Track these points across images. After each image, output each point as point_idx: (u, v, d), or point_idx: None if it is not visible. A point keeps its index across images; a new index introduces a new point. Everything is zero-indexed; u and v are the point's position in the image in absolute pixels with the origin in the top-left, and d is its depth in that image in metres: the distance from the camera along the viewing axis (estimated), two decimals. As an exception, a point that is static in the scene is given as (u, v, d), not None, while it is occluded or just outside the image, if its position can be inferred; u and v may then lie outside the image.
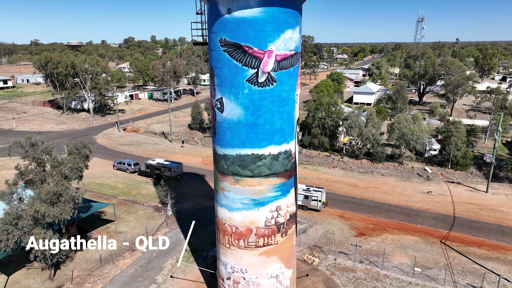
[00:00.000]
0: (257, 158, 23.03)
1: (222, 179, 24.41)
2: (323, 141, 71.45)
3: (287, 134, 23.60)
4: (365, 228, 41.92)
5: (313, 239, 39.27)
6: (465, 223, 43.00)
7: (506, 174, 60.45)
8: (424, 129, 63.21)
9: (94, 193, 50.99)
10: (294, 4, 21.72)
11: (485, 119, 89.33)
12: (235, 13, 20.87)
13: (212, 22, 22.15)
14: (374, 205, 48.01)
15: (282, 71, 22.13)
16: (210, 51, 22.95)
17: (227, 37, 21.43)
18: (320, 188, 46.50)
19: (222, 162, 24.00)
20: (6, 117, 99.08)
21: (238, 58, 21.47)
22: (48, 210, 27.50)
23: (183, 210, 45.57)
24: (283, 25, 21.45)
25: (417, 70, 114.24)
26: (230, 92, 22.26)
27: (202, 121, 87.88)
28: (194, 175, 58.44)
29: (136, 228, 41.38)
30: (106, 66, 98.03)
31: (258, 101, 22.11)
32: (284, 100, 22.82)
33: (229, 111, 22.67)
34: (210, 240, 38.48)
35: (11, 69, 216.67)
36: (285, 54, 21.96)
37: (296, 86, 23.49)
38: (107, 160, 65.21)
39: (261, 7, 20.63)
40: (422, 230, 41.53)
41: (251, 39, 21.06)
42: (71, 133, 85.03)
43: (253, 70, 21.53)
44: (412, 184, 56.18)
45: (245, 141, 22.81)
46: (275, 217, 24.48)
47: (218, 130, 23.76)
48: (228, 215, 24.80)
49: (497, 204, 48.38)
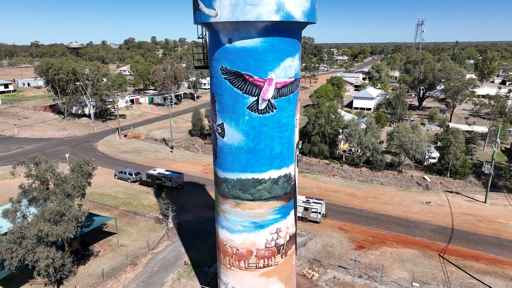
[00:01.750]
0: (258, 182, 23.46)
1: (223, 202, 24.84)
2: (323, 149, 71.86)
3: (287, 158, 24.02)
4: (364, 241, 42.33)
5: (313, 253, 39.69)
6: (463, 236, 43.41)
7: (504, 183, 60.86)
8: (423, 138, 63.60)
9: (96, 204, 51.41)
10: (294, 33, 22.14)
11: (484, 125, 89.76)
12: (236, 43, 21.30)
13: (213, 50, 22.58)
14: (373, 216, 48.42)
15: (282, 98, 22.56)
16: (211, 77, 23.37)
17: (228, 66, 21.86)
18: (319, 200, 46.92)
19: (223, 185, 24.43)
20: (8, 123, 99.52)
21: (239, 86, 21.91)
22: (51, 229, 27.94)
23: (184, 222, 45.99)
24: (283, 54, 21.88)
25: (417, 75, 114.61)
26: (231, 118, 22.69)
27: (202, 127, 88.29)
28: (194, 184, 58.86)
29: (138, 241, 41.80)
30: (106, 73, 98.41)
31: (258, 128, 22.54)
32: (284, 126, 23.25)
33: (230, 136, 23.10)
34: (211, 254, 38.91)
35: (12, 72, 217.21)
36: (285, 81, 22.40)
37: (295, 111, 23.92)
38: (108, 169, 65.62)
39: (262, 37, 21.06)
40: (420, 243, 41.94)
41: (252, 68, 21.49)
42: (73, 140, 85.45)
43: (253, 97, 21.96)
44: (411, 194, 56.59)
45: (246, 166, 23.24)
46: (275, 239, 24.91)
47: (219, 154, 24.19)
48: (229, 237, 25.23)
49: (495, 215, 48.78)
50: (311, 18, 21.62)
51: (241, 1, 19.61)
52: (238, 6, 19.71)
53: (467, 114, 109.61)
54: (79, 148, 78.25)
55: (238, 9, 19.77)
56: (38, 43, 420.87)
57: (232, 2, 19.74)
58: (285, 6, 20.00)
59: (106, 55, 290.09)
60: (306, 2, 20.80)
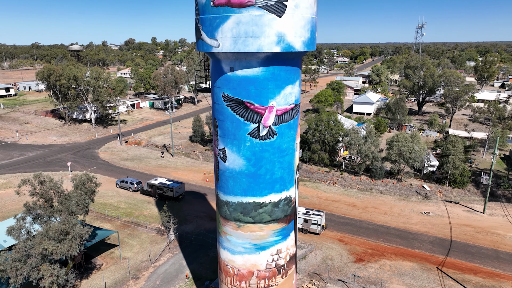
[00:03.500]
0: (259, 206, 23.95)
1: (225, 224, 25.33)
2: (323, 156, 72.33)
3: (287, 182, 24.51)
4: (363, 253, 42.82)
5: (313, 266, 40.17)
6: (462, 248, 43.89)
7: (503, 192, 61.36)
8: (422, 147, 64.09)
9: (98, 214, 51.90)
10: (294, 61, 22.63)
11: (484, 131, 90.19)
12: (238, 72, 21.79)
13: (215, 77, 23.07)
14: (373, 227, 48.90)
15: (282, 124, 23.05)
16: (213, 103, 23.87)
17: (229, 93, 22.35)
18: (319, 212, 47.40)
19: (225, 208, 24.92)
20: (9, 129, 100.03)
21: (240, 113, 22.40)
22: (56, 247, 28.45)
23: (185, 234, 46.48)
24: (283, 82, 22.38)
25: (416, 81, 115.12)
26: (233, 144, 23.18)
27: (203, 133, 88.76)
28: (195, 194, 59.35)
29: (140, 254, 42.29)
30: (108, 79, 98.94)
31: (259, 153, 23.02)
32: (285, 151, 23.73)
33: (232, 161, 23.58)
34: (212, 267, 39.40)
35: (13, 75, 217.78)
36: (285, 108, 22.89)
37: (296, 135, 24.41)
38: (110, 177, 66.11)
39: (263, 67, 21.56)
40: (419, 255, 42.42)
41: (253, 96, 21.99)
42: (74, 146, 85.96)
43: (254, 124, 22.45)
44: (410, 203, 57.07)
45: (247, 190, 23.73)
46: (276, 260, 25.40)
47: (221, 178, 24.67)
48: (230, 258, 25.72)
49: (493, 226, 49.25)
50: (311, 47, 22.11)
51: (243, 33, 20.10)
52: (240, 38, 20.20)
53: (466, 120, 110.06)
54: (81, 155, 78.76)
55: (239, 41, 20.26)
56: (39, 44, 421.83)
57: (234, 34, 20.23)
58: (286, 38, 20.49)
59: (107, 57, 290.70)
60: (306, 32, 21.28)
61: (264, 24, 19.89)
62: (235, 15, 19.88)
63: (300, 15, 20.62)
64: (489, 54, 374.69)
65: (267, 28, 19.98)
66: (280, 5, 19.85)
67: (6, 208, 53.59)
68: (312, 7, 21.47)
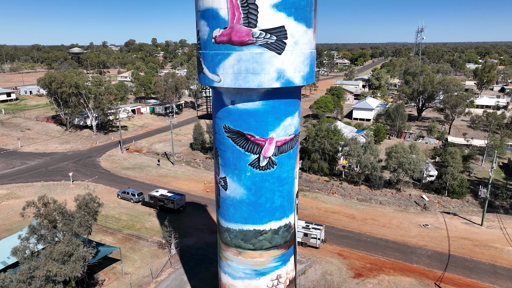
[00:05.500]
0: (259, 233, 24.49)
1: (226, 249, 25.86)
2: (323, 166, 72.87)
3: (287, 209, 25.04)
4: (362, 268, 43.34)
5: (312, 281, 40.69)
6: (460, 263, 44.40)
7: (501, 202, 61.88)
8: (421, 158, 64.63)
9: (100, 227, 52.40)
10: (293, 93, 23.16)
11: (483, 138, 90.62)
12: (239, 105, 22.32)
13: (216, 109, 23.60)
14: (372, 241, 49.42)
15: (282, 155, 23.58)
16: (215, 133, 24.40)
17: (231, 125, 22.88)
18: (319, 226, 47.92)
19: (226, 234, 25.45)
20: (11, 135, 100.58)
21: (241, 145, 22.93)
22: (59, 269, 28.99)
23: (186, 247, 47.00)
24: (283, 114, 22.91)
25: (416, 87, 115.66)
26: (234, 173, 23.71)
27: (203, 141, 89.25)
28: (196, 205, 59.88)
29: (141, 269, 42.81)
30: (109, 87, 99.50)
31: (259, 183, 23.55)
32: (284, 180, 24.26)
33: (232, 190, 24.11)
34: (213, 283, 39.91)
35: (14, 78, 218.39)
36: (285, 139, 23.42)
37: (295, 164, 24.93)
38: (111, 187, 66.64)
39: (263, 100, 22.10)
40: (417, 270, 42.93)
41: (254, 128, 22.52)
42: (75, 154, 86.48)
43: (255, 155, 22.98)
44: (409, 215, 57.58)
45: (248, 218, 24.26)
46: (276, 285, 25.93)
47: (222, 205, 25.20)
48: (231, 282, 26.25)
49: (491, 240, 49.77)
50: (310, 80, 22.64)
51: (244, 70, 20.63)
52: (241, 74, 20.73)
53: (465, 126, 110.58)
54: (82, 164, 79.31)
55: (240, 77, 20.79)
56: (39, 46, 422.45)
57: (235, 71, 20.76)
58: (285, 74, 21.02)
59: (107, 59, 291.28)
60: (305, 67, 21.82)
61: (264, 61, 20.42)
62: (236, 52, 20.41)
63: (299, 51, 21.15)
64: (488, 56, 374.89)
65: (267, 65, 20.51)
66: (280, 43, 20.38)
67: (9, 220, 54.14)
68: (311, 42, 22.00)
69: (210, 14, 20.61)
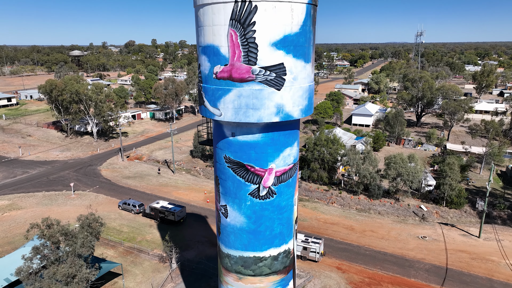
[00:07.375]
0: (259, 260, 25.02)
1: (226, 274, 26.39)
2: (322, 175, 73.42)
3: (286, 236, 25.57)
4: (361, 282, 43.89)
5: (311, 297, 41.26)
6: (457, 277, 44.96)
7: (499, 213, 62.42)
8: (420, 169, 65.19)
9: (101, 240, 52.83)
10: (292, 125, 23.69)
11: (481, 144, 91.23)
12: (239, 137, 22.85)
13: (217, 139, 24.13)
14: (370, 253, 49.97)
15: (281, 184, 24.11)
16: (215, 162, 24.93)
17: (231, 156, 23.41)
18: (318, 240, 48.46)
19: (226, 260, 25.98)
20: (12, 142, 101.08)
21: (241, 175, 23.45)
22: (63, 291, 29.53)
23: (187, 261, 47.52)
24: (282, 145, 23.44)
25: (415, 93, 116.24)
26: (234, 202, 24.24)
27: (203, 149, 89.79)
28: (197, 216, 60.41)
29: (143, 284, 43.33)
30: (109, 95, 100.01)
31: (259, 212, 24.09)
32: (284, 208, 24.79)
33: (233, 218, 24.65)
34: (213, 299, 40.47)
35: (14, 81, 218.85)
36: (284, 169, 23.95)
37: (294, 192, 25.46)
38: (112, 197, 67.17)
39: (262, 133, 22.62)
40: (415, 284, 43.48)
41: (253, 159, 23.04)
42: (76, 163, 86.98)
43: (255, 185, 23.51)
44: (407, 226, 58.14)
45: (248, 245, 24.79)
46: (275, 309, 26.44)
47: (223, 232, 25.74)
48: (232, 306, 26.76)
49: (488, 252, 50.34)
50: (309, 112, 23.17)
51: (244, 105, 21.15)
52: (241, 109, 21.25)
53: (464, 132, 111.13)
54: (83, 173, 79.81)
55: (240, 112, 21.31)
56: (39, 47, 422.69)
57: (235, 106, 21.28)
58: (285, 108, 21.54)
59: (107, 61, 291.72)
60: (304, 100, 22.34)
61: (264, 97, 20.94)
62: (236, 88, 20.93)
63: (298, 86, 21.67)
64: (488, 57, 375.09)
65: (266, 101, 21.04)
66: (279, 80, 20.91)
67: (11, 232, 54.63)
68: (309, 75, 22.52)
69: (211, 51, 21.13)
